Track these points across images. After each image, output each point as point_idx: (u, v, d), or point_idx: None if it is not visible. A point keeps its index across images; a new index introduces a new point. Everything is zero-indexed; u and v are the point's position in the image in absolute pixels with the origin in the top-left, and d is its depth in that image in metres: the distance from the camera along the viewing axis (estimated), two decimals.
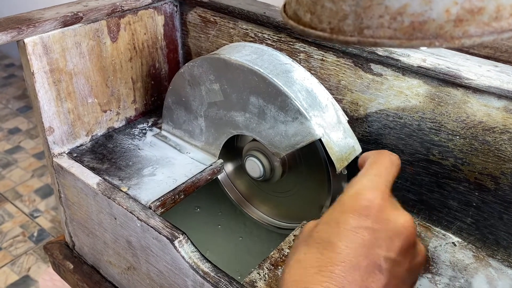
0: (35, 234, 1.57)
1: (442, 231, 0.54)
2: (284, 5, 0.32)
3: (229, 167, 0.65)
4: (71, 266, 0.65)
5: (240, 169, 0.64)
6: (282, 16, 0.32)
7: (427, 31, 0.24)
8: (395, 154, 0.36)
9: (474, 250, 0.52)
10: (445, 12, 0.24)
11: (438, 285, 0.48)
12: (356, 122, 0.55)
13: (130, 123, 0.67)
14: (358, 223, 0.31)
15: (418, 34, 0.25)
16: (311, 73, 0.52)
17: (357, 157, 0.51)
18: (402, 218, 0.33)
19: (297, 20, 0.30)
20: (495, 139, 0.46)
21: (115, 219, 0.53)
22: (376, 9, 0.25)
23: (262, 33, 0.59)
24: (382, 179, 0.34)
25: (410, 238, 0.33)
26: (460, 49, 0.51)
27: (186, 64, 0.56)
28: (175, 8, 0.67)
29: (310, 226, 0.34)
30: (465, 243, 0.52)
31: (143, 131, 0.66)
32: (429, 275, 0.49)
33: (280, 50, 0.57)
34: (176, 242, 0.47)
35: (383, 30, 0.25)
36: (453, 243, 0.53)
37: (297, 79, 0.50)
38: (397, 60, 0.48)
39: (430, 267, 0.49)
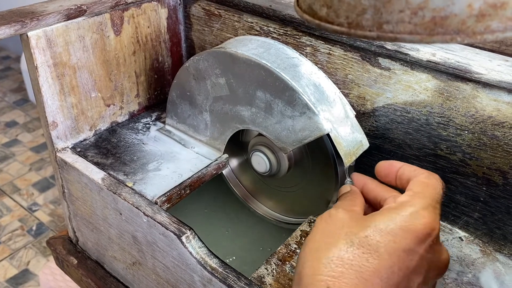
0: (34, 228, 1.57)
1: (449, 226, 0.54)
2: None
3: (234, 162, 0.64)
4: (75, 261, 0.65)
5: (245, 164, 0.64)
6: (296, 10, 0.32)
7: (448, 26, 0.24)
8: (442, 181, 0.36)
9: (481, 245, 0.52)
10: (467, 7, 0.23)
11: (446, 279, 0.48)
12: (363, 116, 0.55)
13: (134, 117, 0.66)
14: (414, 246, 0.31)
15: (440, 30, 0.24)
16: (318, 67, 0.52)
17: (365, 152, 0.51)
18: (445, 254, 0.34)
19: (312, 14, 0.29)
20: (504, 134, 0.46)
21: (121, 214, 0.53)
22: (396, 4, 0.25)
23: (268, 27, 0.59)
24: (438, 206, 0.34)
25: (442, 275, 0.35)
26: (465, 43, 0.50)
27: (191, 58, 0.55)
28: (178, 0, 0.66)
29: (346, 219, 0.33)
30: (472, 238, 0.52)
31: (147, 125, 0.65)
32: None
33: (286, 43, 0.56)
34: (183, 238, 0.46)
35: (404, 25, 0.25)
36: (459, 237, 0.53)
37: (304, 73, 0.50)
38: (406, 54, 0.48)
39: None
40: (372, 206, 0.40)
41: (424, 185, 0.35)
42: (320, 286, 0.30)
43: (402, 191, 0.38)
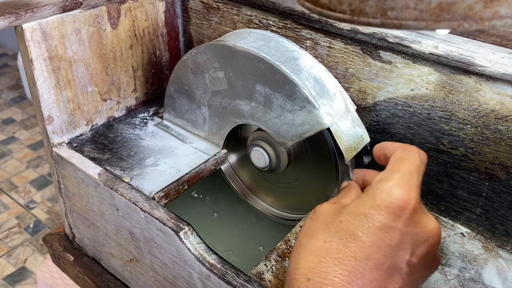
0: (31, 225, 1.55)
1: (451, 222, 0.53)
2: None
3: (232, 158, 0.63)
4: (72, 258, 0.64)
5: (244, 159, 0.63)
6: None
7: (455, 12, 0.23)
8: (422, 151, 0.35)
9: (483, 241, 0.51)
10: None
11: (448, 276, 0.47)
12: (363, 111, 0.54)
13: (131, 112, 0.66)
14: (389, 222, 0.30)
15: (446, 16, 0.23)
16: (318, 61, 0.51)
17: (365, 147, 0.50)
18: (431, 224, 0.33)
19: (314, 2, 0.28)
20: (507, 128, 0.45)
21: (117, 210, 0.52)
22: None
23: (267, 20, 0.58)
24: (415, 178, 0.33)
25: (435, 246, 0.33)
26: (467, 36, 0.49)
27: (189, 52, 0.54)
28: None
29: (329, 211, 0.33)
30: (474, 234, 0.52)
31: (144, 120, 0.64)
32: (439, 266, 0.48)
33: (286, 37, 0.55)
34: (181, 234, 0.46)
35: (409, 12, 0.24)
36: (461, 233, 0.52)
37: (304, 66, 0.49)
38: (407, 47, 0.47)
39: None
40: None
41: (399, 159, 0.34)
42: (300, 280, 0.30)
43: None
